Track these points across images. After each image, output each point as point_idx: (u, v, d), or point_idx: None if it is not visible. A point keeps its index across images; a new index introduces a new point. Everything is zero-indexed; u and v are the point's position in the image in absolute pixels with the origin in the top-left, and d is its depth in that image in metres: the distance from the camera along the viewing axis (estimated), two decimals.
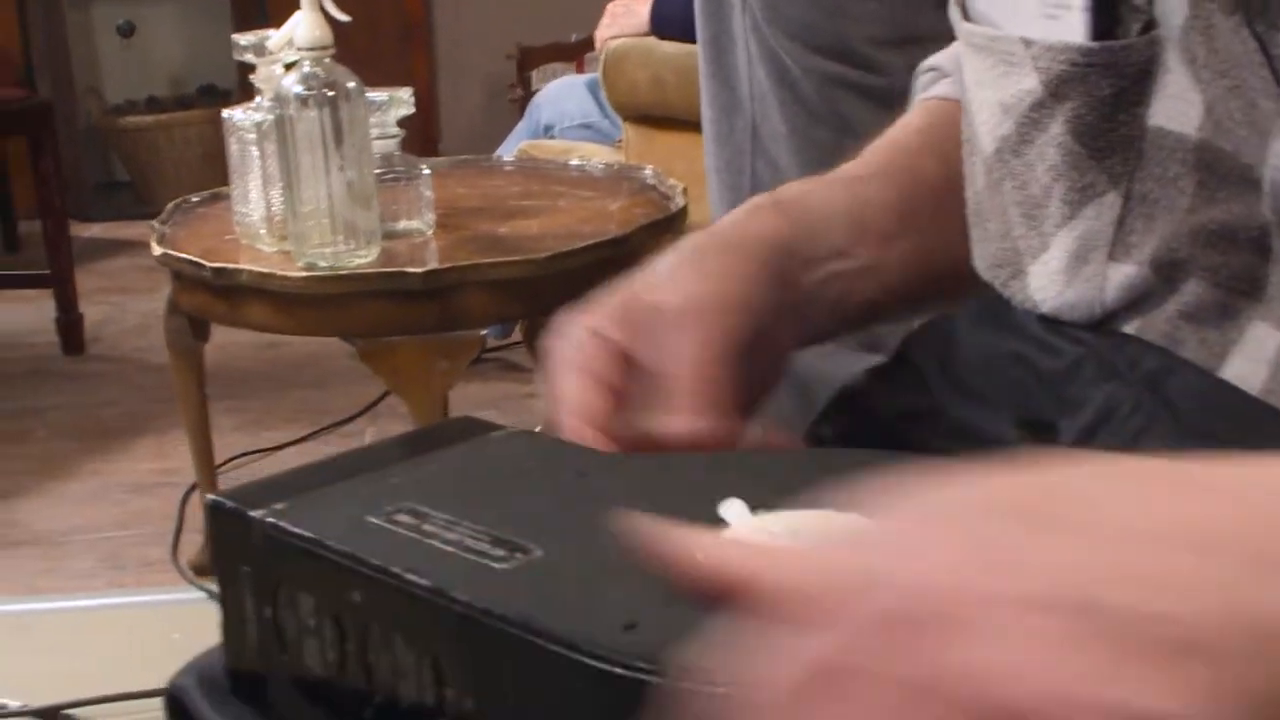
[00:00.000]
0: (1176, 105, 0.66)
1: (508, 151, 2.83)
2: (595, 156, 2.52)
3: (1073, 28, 0.67)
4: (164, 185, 4.19)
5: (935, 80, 0.89)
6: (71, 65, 4.49)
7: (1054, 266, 0.70)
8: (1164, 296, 0.68)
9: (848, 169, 0.82)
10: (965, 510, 0.43)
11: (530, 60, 4.02)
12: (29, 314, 3.50)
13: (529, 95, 3.43)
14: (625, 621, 0.48)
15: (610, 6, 2.80)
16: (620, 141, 2.73)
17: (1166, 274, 0.67)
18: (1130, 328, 0.68)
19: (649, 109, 2.66)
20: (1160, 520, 0.42)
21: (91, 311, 3.40)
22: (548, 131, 2.96)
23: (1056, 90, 0.69)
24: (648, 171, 2.26)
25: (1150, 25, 0.66)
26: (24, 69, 3.86)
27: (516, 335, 2.68)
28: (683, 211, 2.08)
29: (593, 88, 2.93)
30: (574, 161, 2.41)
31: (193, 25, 4.54)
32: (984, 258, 0.75)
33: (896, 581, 0.41)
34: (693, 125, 2.35)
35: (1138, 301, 0.69)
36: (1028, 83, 0.69)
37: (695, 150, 2.29)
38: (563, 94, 3.05)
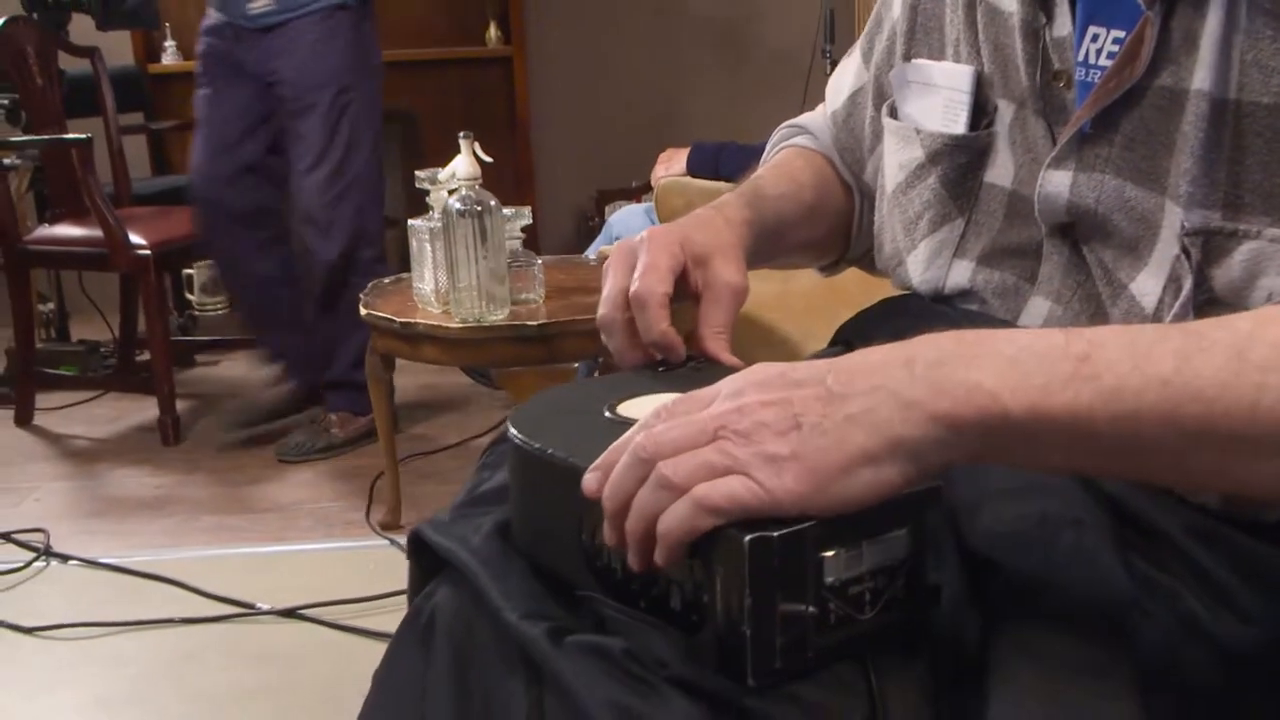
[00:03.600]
0: (999, 170, 0.72)
1: (590, 253, 2.78)
2: None
3: (959, 124, 0.74)
4: None
5: (797, 133, 0.95)
6: None
7: (920, 258, 0.76)
8: (986, 281, 0.72)
9: (772, 188, 0.87)
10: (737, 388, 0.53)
11: (605, 198, 4.08)
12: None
13: (603, 220, 3.40)
14: None
15: (661, 155, 2.77)
16: None
17: (986, 267, 0.72)
18: (964, 301, 0.74)
19: None
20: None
21: None
22: (617, 241, 2.44)
23: (933, 159, 0.75)
24: None
25: (991, 124, 0.73)
26: None
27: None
28: None
29: (648, 211, 2.81)
30: None
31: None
32: (882, 258, 0.82)
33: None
34: None
35: (970, 283, 0.73)
36: (916, 154, 0.76)
37: None
38: (627, 217, 2.95)
